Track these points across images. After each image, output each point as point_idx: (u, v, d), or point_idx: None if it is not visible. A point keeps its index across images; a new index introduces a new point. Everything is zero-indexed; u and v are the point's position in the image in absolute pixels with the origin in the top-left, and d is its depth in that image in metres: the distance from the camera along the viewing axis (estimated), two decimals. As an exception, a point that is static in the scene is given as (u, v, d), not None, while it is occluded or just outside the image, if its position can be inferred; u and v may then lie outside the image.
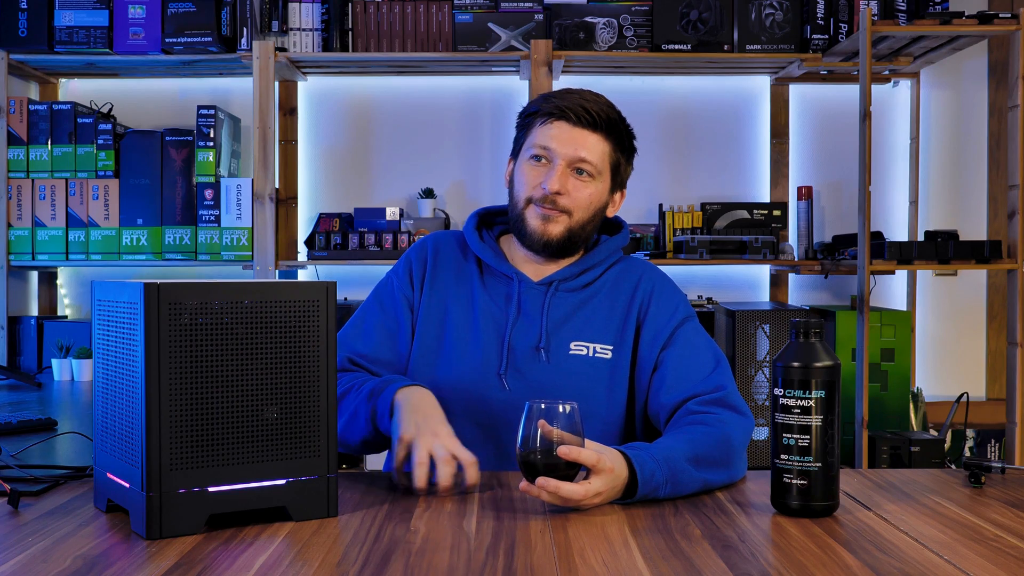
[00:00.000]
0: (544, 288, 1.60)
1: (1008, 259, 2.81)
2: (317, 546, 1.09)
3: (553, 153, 1.55)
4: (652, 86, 3.40)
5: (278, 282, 1.19)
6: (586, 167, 1.55)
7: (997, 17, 2.76)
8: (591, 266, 1.62)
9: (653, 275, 1.65)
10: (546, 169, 1.56)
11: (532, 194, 1.56)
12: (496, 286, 1.62)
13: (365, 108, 3.39)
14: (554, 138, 1.55)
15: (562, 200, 1.55)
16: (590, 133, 1.55)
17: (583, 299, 1.61)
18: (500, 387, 1.56)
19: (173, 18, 3.06)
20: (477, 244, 1.64)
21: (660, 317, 1.60)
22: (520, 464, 1.25)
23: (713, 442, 1.39)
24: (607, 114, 1.56)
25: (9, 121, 3.09)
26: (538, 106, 1.59)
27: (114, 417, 1.18)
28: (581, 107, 1.54)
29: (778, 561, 1.05)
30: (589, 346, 1.58)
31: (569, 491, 1.20)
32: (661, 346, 1.57)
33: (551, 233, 1.56)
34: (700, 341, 1.59)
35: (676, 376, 1.54)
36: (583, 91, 1.59)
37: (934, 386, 3.41)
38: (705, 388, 1.52)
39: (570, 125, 1.55)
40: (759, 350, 2.87)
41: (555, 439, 1.22)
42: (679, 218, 3.23)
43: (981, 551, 1.08)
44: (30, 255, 3.09)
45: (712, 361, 1.56)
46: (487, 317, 1.59)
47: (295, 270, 3.22)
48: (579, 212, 1.57)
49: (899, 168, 3.43)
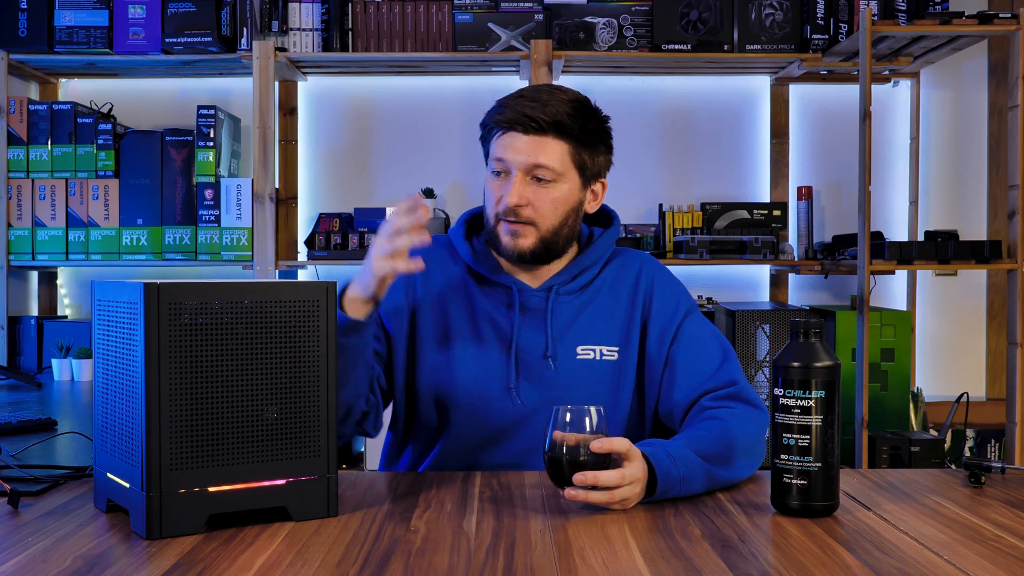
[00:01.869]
0: (544, 294, 1.58)
1: (1008, 259, 2.81)
2: (317, 546, 1.09)
3: (508, 164, 1.51)
4: (652, 86, 3.40)
5: (278, 282, 1.19)
6: (543, 173, 1.50)
7: (997, 17, 2.76)
8: (587, 266, 1.60)
9: (651, 267, 1.64)
10: (505, 182, 1.52)
11: (498, 210, 1.53)
12: (495, 294, 1.60)
13: (365, 108, 3.39)
14: (508, 148, 1.51)
15: (524, 211, 1.51)
16: (543, 138, 1.50)
17: (584, 301, 1.60)
18: (510, 399, 1.55)
19: (173, 18, 3.06)
20: (470, 255, 1.60)
21: (664, 312, 1.59)
22: (548, 466, 1.26)
23: (729, 439, 1.39)
24: (555, 116, 1.49)
25: (9, 121, 3.09)
26: (490, 119, 1.55)
27: (114, 417, 1.18)
28: (526, 115, 1.49)
29: (778, 561, 1.05)
30: (595, 349, 1.57)
31: (608, 478, 1.22)
32: (670, 342, 1.57)
33: (522, 247, 1.53)
34: (705, 333, 1.58)
35: (686, 373, 1.54)
36: (535, 93, 1.52)
37: (934, 386, 3.41)
38: (718, 383, 1.51)
39: (522, 133, 1.50)
40: (759, 350, 2.87)
41: (582, 442, 1.24)
42: (679, 218, 3.23)
43: (981, 551, 1.08)
44: (30, 255, 3.09)
45: (720, 353, 1.55)
46: (491, 326, 1.57)
47: (295, 270, 3.22)
48: (546, 220, 1.52)
49: (899, 168, 3.43)
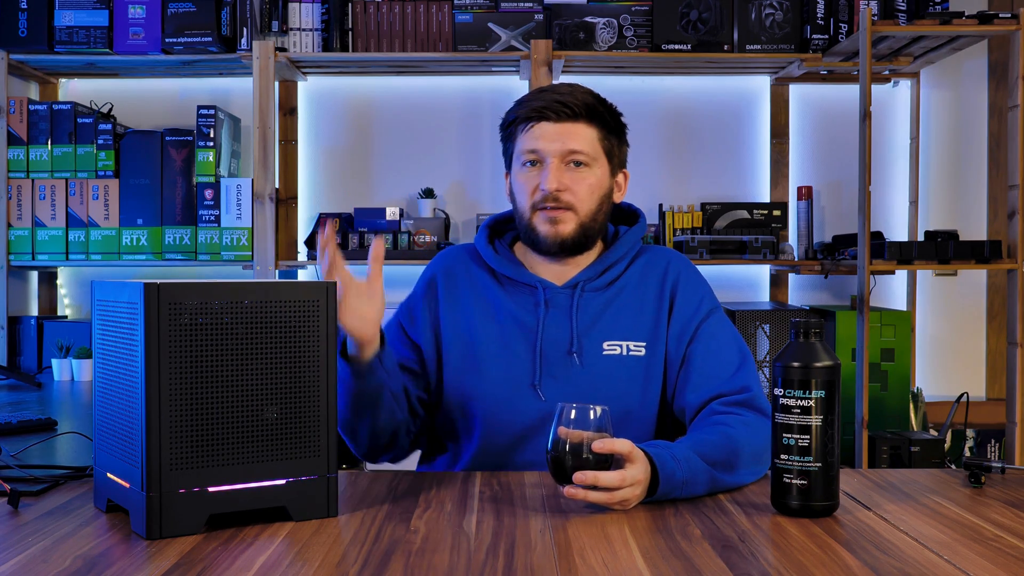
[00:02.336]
0: (570, 291, 1.58)
1: (1008, 259, 2.81)
2: (317, 546, 1.09)
3: (543, 153, 1.54)
4: (652, 86, 3.40)
5: (278, 282, 1.19)
6: (579, 157, 1.54)
7: (997, 17, 2.76)
8: (613, 262, 1.60)
9: (679, 264, 1.63)
10: (540, 171, 1.55)
11: (534, 200, 1.55)
12: (520, 295, 1.60)
13: (365, 108, 3.39)
14: (540, 138, 1.54)
15: (564, 196, 1.54)
16: (574, 124, 1.54)
17: (610, 297, 1.59)
18: (535, 397, 1.54)
19: (173, 18, 3.06)
20: (494, 258, 1.62)
21: (686, 309, 1.58)
22: (550, 465, 1.25)
23: (735, 445, 1.37)
24: (585, 101, 1.55)
25: (9, 121, 3.09)
26: (515, 113, 1.58)
27: (114, 417, 1.18)
28: (557, 102, 1.54)
29: (778, 561, 1.05)
30: (622, 344, 1.57)
31: (608, 479, 1.21)
32: (688, 340, 1.56)
33: (563, 233, 1.55)
34: (725, 335, 1.57)
35: (701, 374, 1.53)
36: (556, 86, 1.58)
37: (934, 386, 3.41)
38: (731, 388, 1.50)
39: (552, 123, 1.54)
40: (759, 350, 2.87)
41: (585, 440, 1.23)
42: (679, 218, 3.23)
43: (981, 551, 1.08)
44: (30, 255, 3.09)
45: (738, 358, 1.54)
46: (515, 326, 1.57)
47: (295, 270, 3.22)
48: (584, 204, 1.55)
49: (899, 168, 3.43)
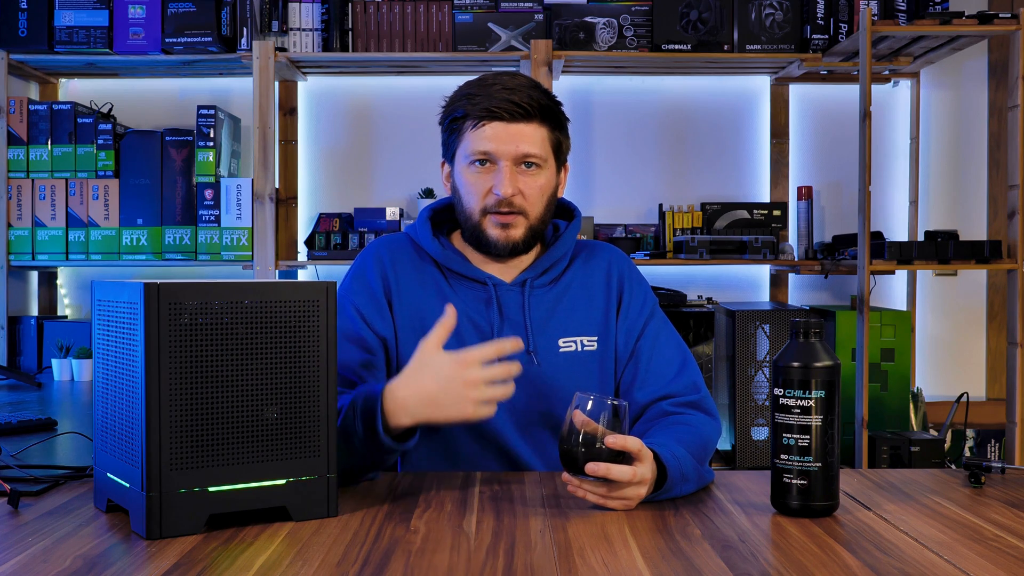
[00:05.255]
0: (519, 289, 1.57)
1: (1008, 259, 2.81)
2: (317, 546, 1.09)
3: (496, 156, 1.48)
4: (652, 86, 3.40)
5: (278, 282, 1.19)
6: (532, 159, 1.50)
7: (997, 17, 2.76)
8: (557, 259, 1.60)
9: (621, 260, 1.65)
10: (491, 172, 1.50)
11: (486, 203, 1.50)
12: (468, 291, 1.56)
13: (365, 108, 3.39)
14: (492, 139, 1.48)
15: (516, 200, 1.50)
16: (527, 124, 1.48)
17: (559, 294, 1.59)
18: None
19: (173, 18, 3.06)
20: (441, 253, 1.56)
21: (635, 304, 1.60)
22: (562, 456, 1.25)
23: (706, 443, 1.45)
24: (538, 100, 1.49)
25: (9, 121, 3.09)
26: (464, 109, 1.51)
27: (114, 417, 1.18)
28: (509, 101, 1.47)
29: (778, 561, 1.05)
30: (576, 340, 1.57)
31: (619, 472, 1.21)
32: (637, 336, 1.58)
33: (514, 238, 1.52)
34: (668, 334, 1.60)
35: (648, 372, 1.55)
36: (505, 80, 1.50)
37: (934, 386, 3.41)
38: (680, 389, 1.53)
39: (505, 123, 1.48)
40: (759, 350, 2.87)
41: (599, 434, 1.23)
42: (679, 218, 3.23)
43: (981, 551, 1.08)
44: (30, 255, 3.09)
45: (680, 356, 1.57)
46: (469, 325, 1.54)
47: (295, 270, 3.22)
48: (535, 207, 1.52)
49: (899, 168, 3.43)
